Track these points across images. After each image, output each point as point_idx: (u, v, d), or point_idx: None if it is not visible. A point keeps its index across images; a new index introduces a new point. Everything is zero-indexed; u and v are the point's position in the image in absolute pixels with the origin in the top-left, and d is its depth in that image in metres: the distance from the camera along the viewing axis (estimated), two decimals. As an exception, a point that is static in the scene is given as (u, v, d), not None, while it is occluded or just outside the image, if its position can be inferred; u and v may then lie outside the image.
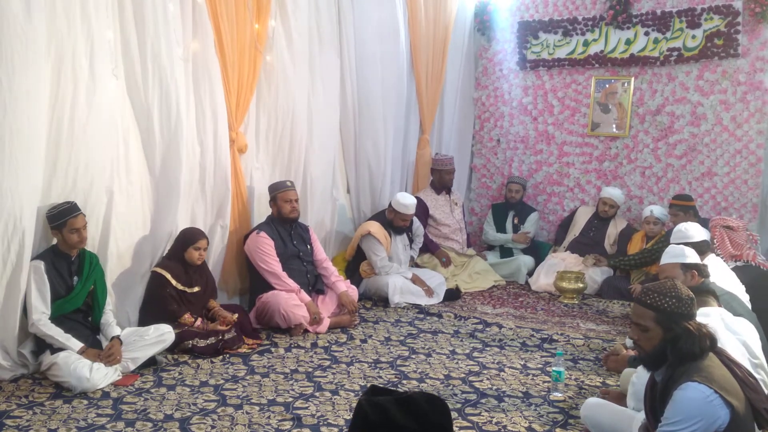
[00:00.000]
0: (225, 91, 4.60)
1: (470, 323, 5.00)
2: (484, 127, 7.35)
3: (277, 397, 3.49)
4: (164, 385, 3.61)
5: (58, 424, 3.07)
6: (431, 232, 6.45)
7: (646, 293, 2.30)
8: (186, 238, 4.29)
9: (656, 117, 6.35)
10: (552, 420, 3.31)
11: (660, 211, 5.77)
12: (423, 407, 1.51)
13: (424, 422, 1.49)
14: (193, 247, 4.26)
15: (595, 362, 4.19)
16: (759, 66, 5.83)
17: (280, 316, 4.55)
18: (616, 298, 5.83)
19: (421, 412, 1.50)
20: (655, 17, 6.20)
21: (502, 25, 7.09)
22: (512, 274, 6.50)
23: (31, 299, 3.52)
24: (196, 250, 4.28)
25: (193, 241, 4.27)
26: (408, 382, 3.79)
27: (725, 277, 3.89)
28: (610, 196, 6.22)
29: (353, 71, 5.86)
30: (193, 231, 4.36)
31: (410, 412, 1.50)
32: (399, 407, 1.50)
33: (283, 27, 5.03)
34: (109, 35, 3.86)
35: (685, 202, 5.42)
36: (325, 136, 5.53)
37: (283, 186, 4.86)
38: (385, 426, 1.48)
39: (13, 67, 3.29)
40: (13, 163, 3.35)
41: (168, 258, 4.29)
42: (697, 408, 2.13)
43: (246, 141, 4.86)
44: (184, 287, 4.24)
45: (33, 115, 3.43)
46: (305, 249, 4.98)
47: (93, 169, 3.83)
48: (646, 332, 2.29)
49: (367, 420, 1.50)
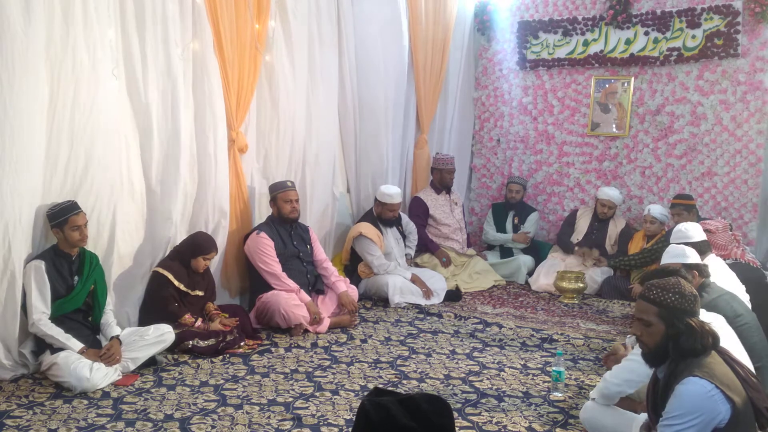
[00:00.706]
0: (225, 91, 4.60)
1: (470, 323, 5.00)
2: (484, 127, 7.35)
3: (277, 397, 3.49)
4: (164, 385, 3.61)
5: (58, 424, 3.07)
6: (431, 232, 6.45)
7: (649, 289, 2.31)
8: (197, 246, 4.28)
9: (656, 117, 6.35)
10: (552, 420, 3.31)
11: (658, 210, 5.77)
12: (425, 408, 1.52)
13: (426, 423, 1.49)
14: (203, 258, 4.27)
15: (595, 362, 4.19)
16: (759, 66, 5.83)
17: (280, 316, 4.55)
18: (616, 298, 5.84)
19: (423, 413, 1.51)
20: (655, 17, 6.20)
21: (502, 25, 7.09)
22: (512, 274, 6.50)
23: (31, 299, 3.52)
24: (205, 260, 4.29)
25: (205, 251, 4.28)
26: (408, 382, 3.79)
27: (725, 276, 3.89)
28: (608, 197, 6.20)
29: (353, 71, 5.87)
30: (207, 241, 4.34)
31: (412, 412, 1.50)
32: (401, 407, 1.50)
33: (283, 27, 5.03)
34: (109, 35, 3.86)
35: (687, 201, 5.43)
36: (325, 135, 5.53)
37: (283, 186, 4.86)
38: (386, 426, 1.48)
39: (13, 67, 3.29)
40: (12, 164, 3.35)
41: (171, 258, 4.28)
42: (698, 402, 2.13)
43: (246, 141, 4.86)
44: (187, 289, 4.24)
45: (33, 115, 3.43)
46: (305, 249, 4.98)
47: (93, 169, 3.83)
48: (649, 327, 2.29)
49: (369, 420, 1.51)
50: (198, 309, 4.32)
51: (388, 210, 5.71)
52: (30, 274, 3.53)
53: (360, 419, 1.55)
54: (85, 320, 3.77)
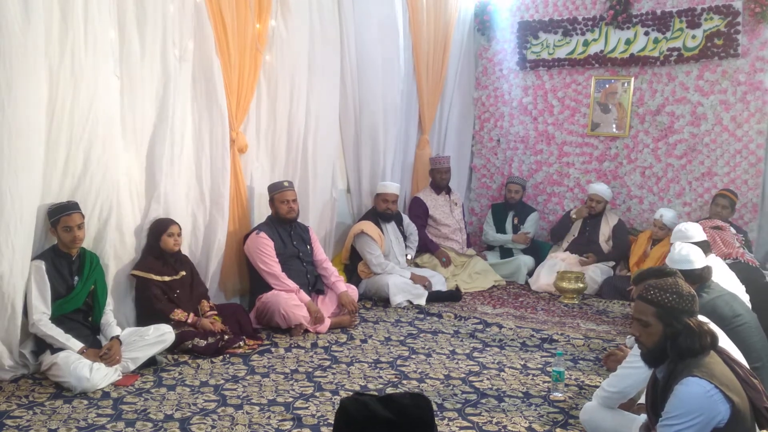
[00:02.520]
0: (225, 91, 4.60)
1: (470, 323, 5.00)
2: (484, 127, 7.35)
3: (277, 397, 3.49)
4: (164, 385, 3.61)
5: (58, 424, 3.07)
6: (431, 232, 6.45)
7: (647, 289, 2.31)
8: (157, 228, 4.23)
9: (656, 117, 6.35)
10: (552, 420, 3.31)
11: (670, 217, 5.71)
12: (403, 402, 1.56)
13: (404, 414, 1.53)
14: (166, 234, 4.21)
15: (595, 362, 4.19)
16: (759, 66, 5.83)
17: (280, 316, 4.55)
18: (616, 298, 5.83)
19: (401, 406, 1.54)
20: (655, 17, 6.20)
21: (502, 25, 7.09)
22: (512, 274, 6.50)
23: (31, 299, 3.52)
24: (170, 237, 4.22)
25: (165, 228, 4.22)
26: (408, 382, 3.79)
27: (726, 276, 3.88)
28: (596, 191, 6.28)
29: (354, 71, 5.86)
30: (162, 219, 4.28)
31: (390, 406, 1.54)
32: (380, 403, 1.55)
33: (283, 27, 5.02)
34: (110, 35, 3.86)
35: (734, 196, 5.52)
36: (325, 135, 5.53)
37: (279, 187, 4.86)
38: (365, 418, 1.52)
39: (11, 67, 3.29)
40: (12, 164, 3.35)
41: (143, 257, 4.24)
42: (697, 402, 2.13)
43: (246, 141, 4.86)
44: (170, 277, 4.21)
45: (32, 115, 3.43)
46: (305, 249, 4.98)
47: (93, 170, 3.83)
48: (647, 328, 2.29)
49: (349, 415, 1.55)
50: (186, 298, 4.26)
51: (383, 200, 5.77)
52: (30, 275, 3.53)
53: (339, 416, 1.58)
54: (85, 320, 3.77)
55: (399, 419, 1.51)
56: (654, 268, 2.98)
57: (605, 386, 2.92)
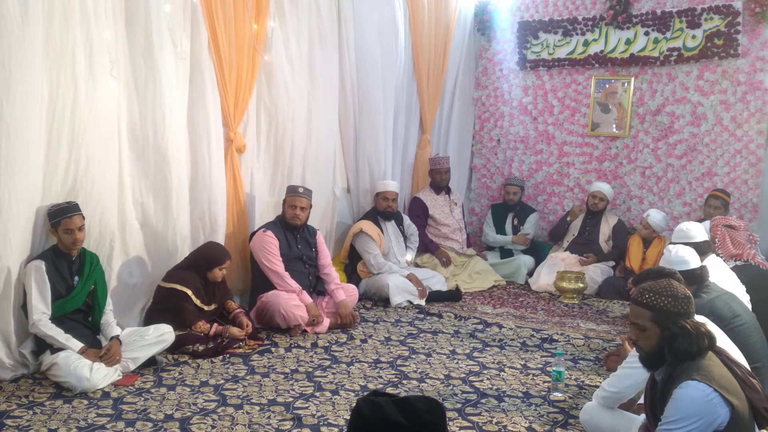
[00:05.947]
0: (221, 91, 4.59)
1: (470, 323, 5.00)
2: (484, 127, 7.35)
3: (277, 397, 3.49)
4: (164, 385, 3.61)
5: (58, 424, 3.07)
6: (431, 232, 6.45)
7: (642, 293, 2.30)
8: (211, 257, 4.27)
9: (656, 117, 6.35)
10: (552, 420, 3.31)
11: (657, 218, 5.69)
12: (417, 406, 1.55)
13: (417, 420, 1.52)
14: (218, 268, 4.28)
15: (595, 362, 4.19)
16: (759, 66, 5.84)
17: (280, 316, 4.55)
18: (616, 298, 5.84)
19: (415, 411, 1.54)
20: (655, 17, 6.20)
21: (502, 25, 7.10)
22: (512, 274, 6.50)
23: (31, 299, 3.51)
24: (221, 270, 4.30)
25: (220, 262, 4.28)
26: (408, 382, 3.79)
27: (725, 277, 3.88)
28: (599, 189, 6.28)
29: (353, 71, 5.86)
30: (220, 251, 4.34)
31: (404, 410, 1.54)
32: (394, 406, 1.55)
33: (282, 27, 5.02)
34: (107, 36, 3.85)
35: (726, 196, 5.49)
36: (325, 135, 5.53)
37: (293, 190, 4.85)
38: (377, 422, 1.52)
39: (9, 68, 3.29)
40: (10, 164, 3.35)
41: (187, 269, 4.23)
42: (696, 406, 2.13)
43: (245, 141, 4.85)
44: (203, 305, 4.23)
45: (30, 115, 3.43)
46: (309, 253, 4.96)
47: (93, 170, 3.82)
48: (644, 332, 2.29)
49: (362, 416, 1.55)
50: (210, 317, 4.29)
51: (383, 199, 5.78)
52: (30, 275, 3.52)
53: (354, 416, 1.59)
54: (85, 320, 3.77)
55: (411, 425, 1.51)
56: (655, 269, 2.98)
57: (605, 386, 2.92)
